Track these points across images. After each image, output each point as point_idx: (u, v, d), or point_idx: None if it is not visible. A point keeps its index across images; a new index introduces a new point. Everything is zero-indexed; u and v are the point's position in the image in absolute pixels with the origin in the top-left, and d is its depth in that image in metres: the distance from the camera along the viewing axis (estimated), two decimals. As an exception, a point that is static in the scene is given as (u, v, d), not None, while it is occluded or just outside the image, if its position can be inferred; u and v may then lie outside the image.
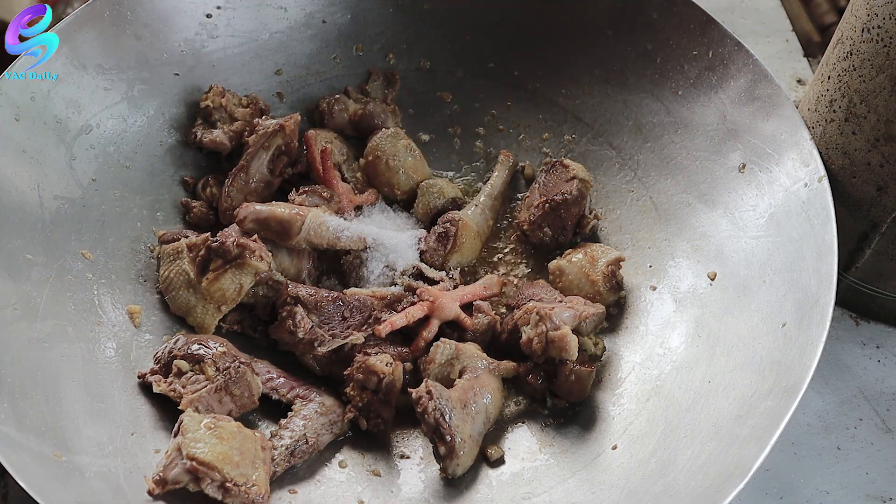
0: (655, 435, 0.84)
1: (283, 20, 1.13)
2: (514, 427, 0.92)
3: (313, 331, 0.91)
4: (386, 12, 1.16)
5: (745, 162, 0.95)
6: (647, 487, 0.79)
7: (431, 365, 0.90)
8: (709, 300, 0.93)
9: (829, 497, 0.90)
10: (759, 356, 0.83)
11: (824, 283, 0.81)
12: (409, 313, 0.94)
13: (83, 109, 0.98)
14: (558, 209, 1.02)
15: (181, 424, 0.80)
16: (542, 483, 0.86)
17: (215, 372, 0.85)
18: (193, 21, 1.07)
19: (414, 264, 1.01)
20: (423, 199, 1.08)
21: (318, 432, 0.87)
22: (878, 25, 0.83)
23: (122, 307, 0.93)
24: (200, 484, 0.76)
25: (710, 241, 0.96)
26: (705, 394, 0.84)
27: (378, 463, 0.89)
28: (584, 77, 1.12)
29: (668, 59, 1.04)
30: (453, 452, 0.83)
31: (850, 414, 0.96)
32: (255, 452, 0.80)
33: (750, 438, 0.74)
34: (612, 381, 0.94)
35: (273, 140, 1.03)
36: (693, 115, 1.02)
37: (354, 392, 0.89)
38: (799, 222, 0.87)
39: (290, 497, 0.83)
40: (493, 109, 1.17)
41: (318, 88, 1.16)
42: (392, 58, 1.17)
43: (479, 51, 1.16)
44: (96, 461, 0.77)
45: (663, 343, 0.94)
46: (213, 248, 0.93)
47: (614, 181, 1.08)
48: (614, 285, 0.99)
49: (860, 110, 0.89)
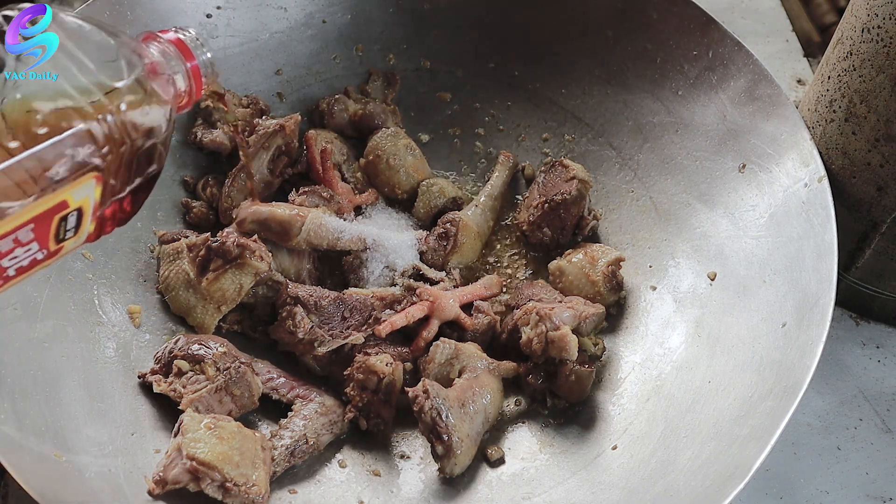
0: (655, 435, 0.84)
1: (283, 20, 1.13)
2: (514, 427, 0.92)
3: (313, 331, 0.91)
4: (386, 12, 1.16)
5: (745, 162, 0.95)
6: (647, 487, 0.79)
7: (431, 365, 0.90)
8: (709, 300, 0.93)
9: (829, 497, 0.90)
10: (759, 356, 0.83)
11: (824, 283, 0.81)
12: (409, 313, 0.94)
13: (83, 109, 0.98)
14: (558, 209, 1.02)
15: (181, 424, 0.80)
16: (542, 483, 0.86)
17: (216, 372, 0.85)
18: (193, 21, 1.08)
19: (414, 264, 1.01)
20: (424, 198, 1.08)
21: (319, 432, 0.87)
22: (878, 25, 0.83)
23: (122, 307, 0.93)
24: (200, 484, 0.76)
25: (710, 241, 0.96)
26: (705, 394, 0.84)
27: (378, 463, 0.89)
28: (584, 77, 1.12)
29: (668, 59, 1.04)
30: (450, 451, 0.83)
31: (850, 414, 0.96)
32: (255, 452, 0.80)
33: (750, 438, 0.74)
34: (612, 381, 0.94)
35: (273, 140, 1.03)
36: (693, 115, 1.02)
37: (354, 392, 0.89)
38: (799, 222, 0.87)
39: (290, 497, 0.83)
40: (493, 109, 1.17)
41: (318, 88, 1.16)
42: (392, 58, 1.17)
43: (479, 51, 1.16)
44: (96, 461, 0.77)
45: (663, 343, 0.94)
46: (213, 248, 0.93)
47: (614, 181, 1.08)
48: (614, 285, 0.99)
49: (860, 110, 0.89)
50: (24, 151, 0.53)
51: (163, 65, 0.66)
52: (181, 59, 0.68)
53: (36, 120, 0.54)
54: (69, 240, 0.60)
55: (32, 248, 0.57)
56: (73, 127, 0.56)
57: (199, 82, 0.70)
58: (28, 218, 0.55)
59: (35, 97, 0.56)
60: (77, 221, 0.59)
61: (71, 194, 0.57)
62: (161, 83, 0.64)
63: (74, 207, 0.58)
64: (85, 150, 0.56)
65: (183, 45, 0.69)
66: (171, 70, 0.67)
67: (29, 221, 0.55)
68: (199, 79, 0.70)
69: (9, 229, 0.54)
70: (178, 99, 0.69)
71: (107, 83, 0.58)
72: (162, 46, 0.68)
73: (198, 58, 0.69)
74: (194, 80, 0.70)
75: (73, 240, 0.60)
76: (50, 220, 0.57)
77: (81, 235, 0.61)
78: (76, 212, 0.58)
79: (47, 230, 0.57)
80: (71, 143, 0.55)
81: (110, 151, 0.58)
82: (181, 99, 0.70)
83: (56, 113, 0.55)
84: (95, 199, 0.59)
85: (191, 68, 0.69)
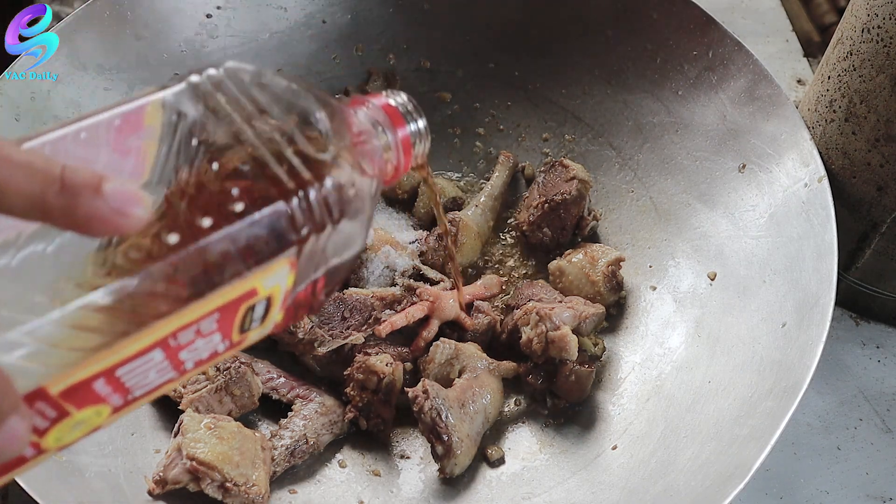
0: (655, 435, 0.84)
1: (283, 20, 1.13)
2: (514, 427, 0.92)
3: (313, 331, 0.91)
4: (386, 12, 1.16)
5: (745, 162, 0.95)
6: (647, 487, 0.79)
7: (431, 365, 0.90)
8: (709, 300, 0.93)
9: (829, 497, 0.90)
10: (759, 356, 0.83)
11: (824, 283, 0.81)
12: (409, 313, 0.94)
13: (83, 109, 0.98)
14: (557, 209, 1.02)
15: (181, 424, 0.80)
16: (542, 483, 0.86)
17: (216, 372, 0.85)
18: (193, 21, 1.07)
19: (414, 265, 1.01)
20: (424, 198, 1.08)
21: (319, 432, 0.87)
22: (878, 25, 0.83)
23: (122, 307, 0.93)
24: (200, 484, 0.76)
25: (710, 241, 0.96)
26: (705, 394, 0.84)
27: (378, 463, 0.89)
28: (584, 77, 1.12)
29: (668, 59, 1.04)
30: (450, 451, 0.83)
31: (850, 414, 0.96)
32: (255, 452, 0.80)
33: (750, 438, 0.74)
34: (612, 381, 0.94)
35: (273, 140, 1.03)
36: (693, 115, 1.02)
37: (354, 392, 0.89)
38: (799, 222, 0.87)
39: (290, 497, 0.83)
40: (493, 109, 1.17)
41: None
42: (392, 58, 1.17)
43: (479, 51, 1.16)
44: (96, 461, 0.77)
45: (663, 343, 0.94)
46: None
47: (614, 181, 1.08)
48: (614, 285, 0.99)
49: (860, 110, 0.89)
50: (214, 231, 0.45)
51: (371, 134, 0.57)
52: (391, 128, 0.59)
53: (230, 194, 0.46)
54: (254, 331, 0.52)
55: (214, 339, 0.49)
56: (270, 202, 0.46)
57: (409, 154, 0.60)
58: (212, 308, 0.47)
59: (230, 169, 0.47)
60: (265, 311, 0.51)
61: (262, 282, 0.48)
62: (368, 156, 0.55)
63: (264, 296, 0.50)
64: (282, 232, 0.47)
65: (393, 110, 0.59)
66: (380, 141, 0.58)
67: (213, 311, 0.47)
68: (409, 150, 0.60)
69: (190, 320, 0.46)
70: (384, 173, 0.59)
71: (310, 153, 0.49)
72: (371, 112, 0.59)
73: (408, 126, 0.60)
74: (404, 152, 0.60)
75: (257, 330, 0.53)
76: (236, 309, 0.49)
77: (268, 325, 0.53)
78: (265, 301, 0.50)
79: (232, 320, 0.49)
80: (267, 223, 0.46)
81: (310, 234, 0.49)
82: (387, 173, 0.60)
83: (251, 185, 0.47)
84: (287, 287, 0.51)
85: (401, 139, 0.59)
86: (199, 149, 0.47)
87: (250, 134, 0.48)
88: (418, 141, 0.61)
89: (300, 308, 0.56)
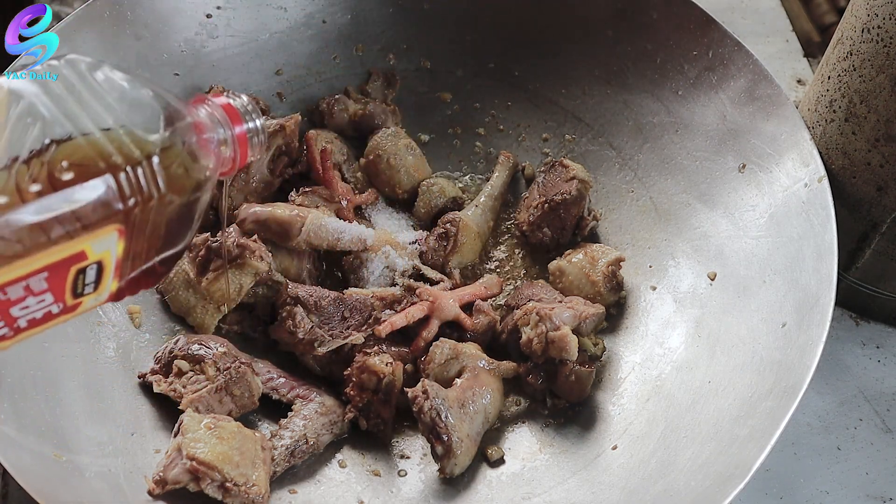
0: (655, 435, 0.84)
1: (283, 20, 1.13)
2: (514, 427, 0.92)
3: (313, 331, 0.91)
4: (386, 12, 1.16)
5: (745, 162, 0.95)
6: (647, 487, 0.79)
7: (431, 365, 0.90)
8: (709, 300, 0.93)
9: (829, 497, 0.90)
10: (759, 356, 0.83)
11: (824, 283, 0.81)
12: (409, 313, 0.94)
13: (83, 109, 0.98)
14: (557, 209, 1.02)
15: (181, 424, 0.80)
16: (542, 483, 0.86)
17: (216, 372, 0.85)
18: (193, 21, 1.07)
19: (414, 265, 1.01)
20: (424, 198, 1.08)
21: (319, 432, 0.87)
22: (878, 25, 0.83)
23: (122, 307, 0.93)
24: (200, 484, 0.76)
25: (710, 241, 0.96)
26: (705, 394, 0.84)
27: (378, 463, 0.89)
28: (584, 77, 1.12)
29: (668, 59, 1.04)
30: (450, 452, 0.83)
31: (850, 414, 0.96)
32: (255, 452, 0.80)
33: (750, 439, 0.74)
34: (612, 381, 0.94)
35: (273, 140, 1.03)
36: (693, 115, 1.02)
37: (354, 392, 0.89)
38: (799, 222, 0.87)
39: (290, 497, 0.83)
40: (493, 109, 1.17)
41: (318, 88, 1.16)
42: (392, 58, 1.17)
43: (479, 51, 1.16)
44: (96, 461, 0.77)
45: (663, 343, 0.94)
46: (213, 248, 0.93)
47: (614, 181, 1.08)
48: (614, 286, 0.99)
49: (860, 110, 0.89)
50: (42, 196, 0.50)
51: (207, 127, 0.63)
52: (228, 124, 0.66)
53: (60, 166, 0.52)
54: (88, 295, 0.57)
55: (46, 298, 0.54)
56: (98, 174, 0.53)
57: (245, 149, 0.67)
58: (40, 265, 0.52)
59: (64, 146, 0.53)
60: (97, 276, 0.56)
61: (90, 245, 0.54)
62: (202, 145, 0.62)
63: (94, 260, 0.55)
64: (107, 200, 0.53)
65: (232, 109, 0.66)
66: (216, 134, 0.65)
67: (42, 269, 0.52)
68: (245, 146, 0.67)
69: (18, 275, 0.51)
70: (219, 163, 0.66)
71: (140, 135, 0.56)
72: (210, 110, 0.65)
73: (245, 124, 0.67)
74: (240, 146, 0.67)
75: (92, 296, 0.57)
76: (66, 270, 0.53)
77: (102, 292, 0.58)
78: (95, 265, 0.55)
79: (63, 281, 0.54)
80: (92, 191, 0.53)
81: (136, 205, 0.55)
82: (224, 164, 0.67)
83: (82, 159, 0.53)
84: (118, 255, 0.56)
85: (237, 135, 0.66)
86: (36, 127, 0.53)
87: (84, 117, 0.54)
88: (255, 137, 0.67)
89: (140, 280, 0.61)
